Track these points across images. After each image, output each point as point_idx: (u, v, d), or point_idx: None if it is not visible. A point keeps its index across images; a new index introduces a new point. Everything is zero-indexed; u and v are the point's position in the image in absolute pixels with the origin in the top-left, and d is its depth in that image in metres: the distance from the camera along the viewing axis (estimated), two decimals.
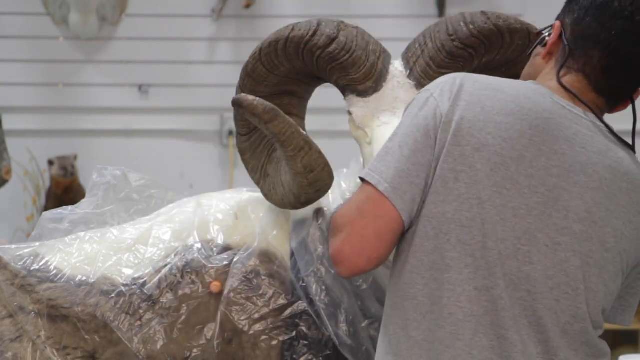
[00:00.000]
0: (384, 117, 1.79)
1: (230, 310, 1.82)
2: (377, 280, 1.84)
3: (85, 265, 1.87)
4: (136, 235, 1.91)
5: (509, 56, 1.84)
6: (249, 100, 1.74)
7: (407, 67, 1.81)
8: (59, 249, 1.90)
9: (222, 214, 1.93)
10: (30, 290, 1.83)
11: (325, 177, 1.80)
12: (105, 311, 1.82)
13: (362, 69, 1.79)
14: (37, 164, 4.72)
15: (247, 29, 4.79)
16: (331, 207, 1.91)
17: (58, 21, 4.77)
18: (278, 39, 1.83)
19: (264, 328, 1.81)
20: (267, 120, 1.73)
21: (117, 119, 4.85)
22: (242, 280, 1.83)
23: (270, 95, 1.86)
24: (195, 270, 1.85)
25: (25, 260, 1.87)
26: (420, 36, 1.82)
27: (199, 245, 1.87)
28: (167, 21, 4.79)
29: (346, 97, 1.84)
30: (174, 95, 4.83)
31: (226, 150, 4.84)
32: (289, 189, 1.83)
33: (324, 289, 1.82)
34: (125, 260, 1.88)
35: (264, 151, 1.90)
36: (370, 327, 1.82)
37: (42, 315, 1.81)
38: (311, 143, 1.77)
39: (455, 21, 1.80)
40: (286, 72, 1.86)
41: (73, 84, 4.82)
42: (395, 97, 1.79)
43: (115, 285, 1.84)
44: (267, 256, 1.86)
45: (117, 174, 2.08)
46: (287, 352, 1.80)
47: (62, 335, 1.81)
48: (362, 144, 1.83)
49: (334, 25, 1.82)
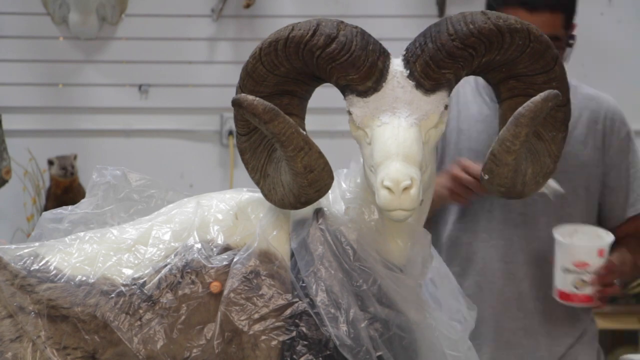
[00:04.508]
0: (384, 117, 1.78)
1: (230, 311, 1.81)
2: (378, 281, 1.84)
3: (85, 265, 1.87)
4: (136, 235, 1.91)
5: (509, 56, 1.84)
6: (249, 100, 1.74)
7: (407, 67, 1.81)
8: (59, 249, 1.90)
9: (222, 214, 1.93)
10: (30, 291, 1.83)
11: (325, 177, 1.80)
12: (105, 311, 1.82)
13: (362, 69, 1.79)
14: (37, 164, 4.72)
15: (247, 29, 4.79)
16: (331, 207, 1.91)
17: (58, 21, 4.77)
18: (278, 39, 1.83)
19: (264, 328, 1.81)
20: (267, 120, 1.73)
21: (117, 118, 4.85)
22: (242, 281, 1.83)
23: (270, 95, 1.86)
24: (195, 271, 1.85)
25: (25, 261, 1.87)
26: (420, 36, 1.82)
27: (199, 246, 1.87)
28: (167, 21, 4.79)
29: (346, 97, 1.84)
30: (174, 95, 4.83)
31: (226, 150, 4.84)
32: (289, 189, 1.83)
33: (324, 290, 1.82)
34: (125, 261, 1.88)
35: (264, 151, 1.90)
36: (370, 327, 1.82)
37: (42, 316, 1.81)
38: (311, 143, 1.77)
39: (455, 21, 1.80)
40: (286, 72, 1.86)
41: (73, 84, 4.82)
42: (395, 97, 1.79)
43: (115, 285, 1.84)
44: (267, 256, 1.86)
45: (117, 174, 2.08)
46: (287, 353, 1.80)
47: (62, 335, 1.81)
48: (362, 144, 1.83)
49: (333, 25, 1.82)
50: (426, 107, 1.79)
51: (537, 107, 1.74)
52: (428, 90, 1.79)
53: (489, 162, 1.80)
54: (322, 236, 1.85)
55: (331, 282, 1.82)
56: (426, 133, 1.80)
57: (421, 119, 1.78)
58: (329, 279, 1.83)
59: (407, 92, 1.79)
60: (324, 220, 1.88)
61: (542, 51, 1.85)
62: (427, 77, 1.79)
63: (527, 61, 1.85)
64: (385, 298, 1.84)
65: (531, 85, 1.87)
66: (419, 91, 1.79)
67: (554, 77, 1.88)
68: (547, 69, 1.87)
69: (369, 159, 1.80)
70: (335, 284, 1.82)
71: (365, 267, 1.85)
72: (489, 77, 1.90)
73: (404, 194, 1.71)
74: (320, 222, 1.87)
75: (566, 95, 1.93)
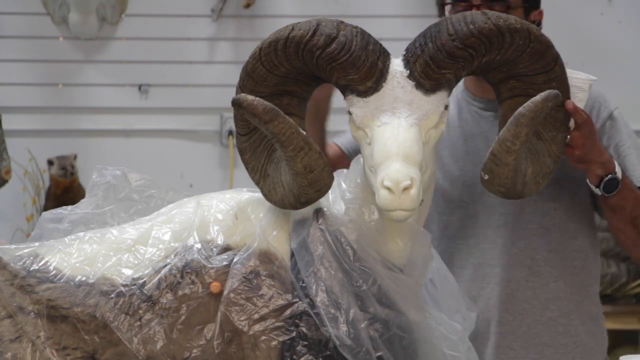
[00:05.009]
0: (384, 117, 1.78)
1: (230, 311, 1.81)
2: (378, 281, 1.84)
3: (85, 265, 1.87)
4: (136, 235, 1.91)
5: (509, 56, 1.84)
6: (249, 100, 1.74)
7: (407, 67, 1.81)
8: (59, 249, 1.90)
9: (222, 214, 1.93)
10: (29, 291, 1.83)
11: (325, 178, 1.80)
12: (104, 311, 1.82)
13: (362, 69, 1.79)
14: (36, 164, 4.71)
15: (246, 28, 4.78)
16: (331, 207, 1.91)
17: (58, 21, 4.76)
18: (278, 38, 1.83)
19: (264, 328, 1.81)
20: (267, 120, 1.73)
21: (117, 118, 4.84)
22: (242, 281, 1.83)
23: (270, 95, 1.86)
24: (195, 271, 1.85)
25: (25, 261, 1.87)
26: (420, 36, 1.82)
27: (199, 246, 1.87)
28: (167, 21, 4.78)
29: (346, 97, 1.84)
30: (173, 95, 4.82)
31: (226, 150, 4.83)
32: (288, 189, 1.83)
33: (324, 290, 1.82)
34: (125, 261, 1.88)
35: (264, 151, 1.90)
36: (370, 327, 1.82)
37: (42, 316, 1.81)
38: (311, 143, 1.77)
39: (455, 21, 1.80)
40: (286, 72, 1.86)
41: (73, 84, 4.81)
42: (395, 97, 1.79)
43: (115, 285, 1.84)
44: (267, 256, 1.86)
45: (117, 174, 2.08)
46: (287, 353, 1.80)
47: (62, 335, 1.81)
48: (362, 144, 1.83)
49: (333, 25, 1.82)
50: (426, 107, 1.79)
51: (537, 107, 1.74)
52: (428, 91, 1.79)
53: (489, 162, 1.80)
54: (322, 236, 1.85)
55: (331, 282, 1.82)
56: (426, 133, 1.80)
57: (421, 119, 1.78)
58: (329, 279, 1.82)
59: (407, 92, 1.79)
60: (324, 220, 1.87)
61: (542, 51, 1.85)
62: (427, 77, 1.79)
63: (527, 61, 1.85)
64: (385, 298, 1.84)
65: (531, 85, 1.87)
66: (419, 91, 1.79)
67: (554, 77, 1.88)
68: (547, 69, 1.87)
69: (369, 159, 1.80)
70: (335, 284, 1.82)
71: (365, 268, 1.85)
72: (489, 77, 1.90)
73: (404, 194, 1.71)
74: (320, 222, 1.87)
75: (566, 95, 1.93)
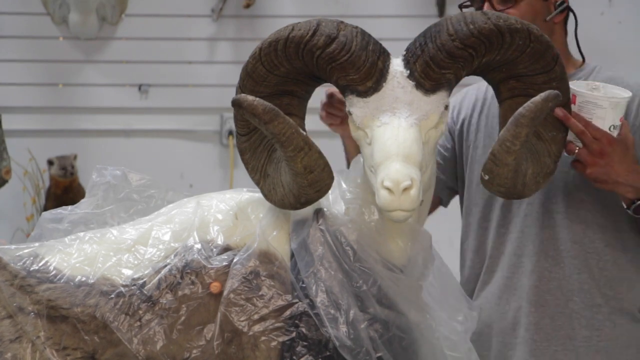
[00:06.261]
0: (383, 117, 1.78)
1: (230, 311, 1.81)
2: (378, 281, 1.84)
3: (85, 265, 1.87)
4: (136, 235, 1.91)
5: (510, 56, 1.83)
6: (249, 100, 1.74)
7: (407, 67, 1.80)
8: (59, 249, 1.90)
9: (222, 214, 1.92)
10: (29, 291, 1.83)
11: (325, 178, 1.80)
12: (104, 312, 1.81)
13: (362, 69, 1.79)
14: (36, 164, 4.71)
15: (246, 28, 4.78)
16: (331, 207, 1.90)
17: (58, 21, 4.76)
18: (278, 39, 1.83)
19: (264, 329, 1.81)
20: (267, 120, 1.73)
21: (116, 118, 4.84)
22: (241, 281, 1.83)
23: (270, 95, 1.86)
24: (195, 271, 1.85)
25: (25, 261, 1.87)
26: (420, 36, 1.82)
27: (199, 246, 1.87)
28: (167, 21, 4.78)
29: (346, 97, 1.84)
30: (173, 95, 4.82)
31: (226, 150, 4.84)
32: (289, 190, 1.83)
33: (323, 290, 1.82)
34: (125, 261, 1.87)
35: (264, 151, 1.90)
36: (370, 328, 1.82)
37: (42, 316, 1.81)
38: (311, 143, 1.77)
39: (455, 21, 1.80)
40: (286, 72, 1.86)
41: (73, 84, 4.81)
42: (395, 97, 1.79)
43: (115, 285, 1.84)
44: (267, 257, 1.86)
45: (117, 174, 2.08)
46: (286, 353, 1.80)
47: (62, 335, 1.80)
48: (362, 144, 1.83)
49: (333, 25, 1.81)
50: (426, 108, 1.79)
51: (538, 107, 1.74)
52: (428, 91, 1.79)
53: (489, 162, 1.80)
54: (322, 237, 1.85)
55: (331, 282, 1.82)
56: (426, 133, 1.80)
57: (421, 119, 1.78)
58: (328, 279, 1.82)
59: (407, 92, 1.79)
60: (324, 220, 1.87)
61: (543, 51, 1.85)
62: (427, 77, 1.79)
63: (528, 61, 1.85)
64: (385, 299, 1.84)
65: (531, 85, 1.87)
66: (419, 91, 1.79)
67: (554, 77, 1.87)
68: (548, 69, 1.86)
69: (369, 159, 1.80)
70: (335, 285, 1.82)
71: (365, 268, 1.84)
72: (489, 77, 1.90)
73: (404, 194, 1.70)
74: (320, 222, 1.87)
75: (566, 95, 1.93)
